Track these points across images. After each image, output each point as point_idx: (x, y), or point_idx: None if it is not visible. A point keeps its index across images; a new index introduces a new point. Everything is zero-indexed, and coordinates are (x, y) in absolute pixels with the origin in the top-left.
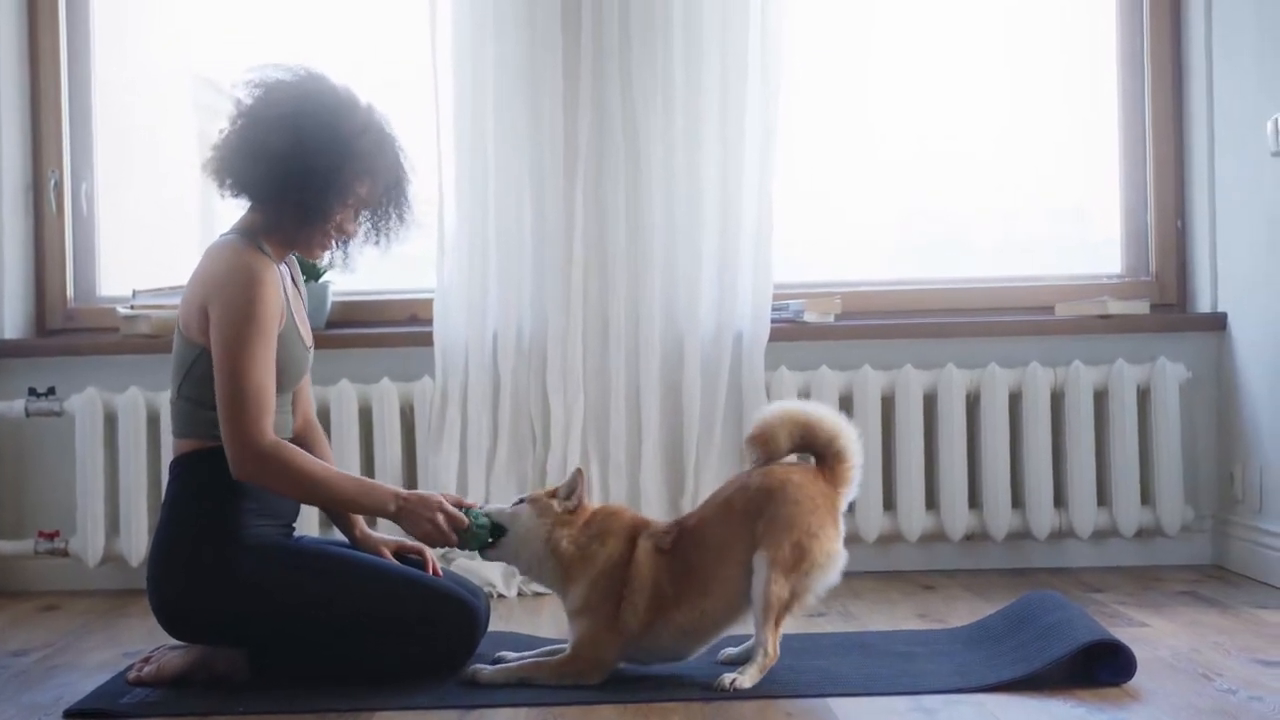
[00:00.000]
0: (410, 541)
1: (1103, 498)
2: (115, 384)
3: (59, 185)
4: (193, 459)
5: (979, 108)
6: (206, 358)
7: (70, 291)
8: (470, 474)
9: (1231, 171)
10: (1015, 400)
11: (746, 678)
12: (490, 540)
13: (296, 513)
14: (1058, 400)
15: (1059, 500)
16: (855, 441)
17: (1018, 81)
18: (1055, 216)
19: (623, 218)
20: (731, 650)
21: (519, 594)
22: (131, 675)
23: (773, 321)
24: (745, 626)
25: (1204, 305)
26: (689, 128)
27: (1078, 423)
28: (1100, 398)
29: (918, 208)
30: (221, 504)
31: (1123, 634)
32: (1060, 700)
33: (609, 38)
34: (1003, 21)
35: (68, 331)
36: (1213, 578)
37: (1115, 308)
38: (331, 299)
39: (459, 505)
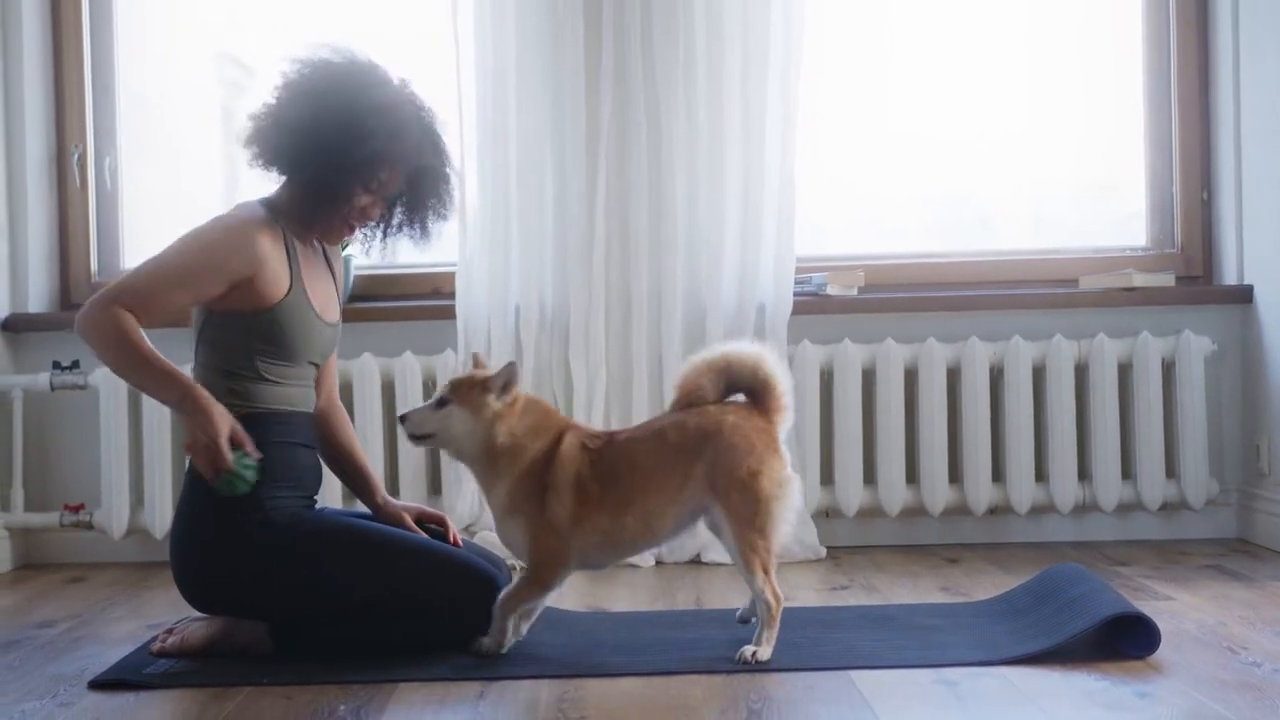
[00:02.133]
0: (430, 510)
1: (1127, 471)
2: None
3: (82, 159)
4: None
5: (1003, 83)
6: (215, 319)
7: (94, 265)
8: None
9: (1258, 143)
10: (1039, 373)
11: (763, 648)
12: (248, 490)
13: (318, 484)
14: (1082, 373)
15: (1083, 474)
16: (778, 367)
17: (1042, 56)
18: (1080, 191)
19: (645, 190)
20: (745, 608)
21: None
22: (155, 647)
23: (795, 294)
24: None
25: (1229, 278)
26: (711, 102)
27: (1102, 396)
28: (1125, 371)
29: (942, 184)
30: None
31: (1147, 607)
32: (1084, 673)
33: (631, 13)
34: None
35: None
36: (1237, 551)
37: (1140, 280)
38: (354, 273)
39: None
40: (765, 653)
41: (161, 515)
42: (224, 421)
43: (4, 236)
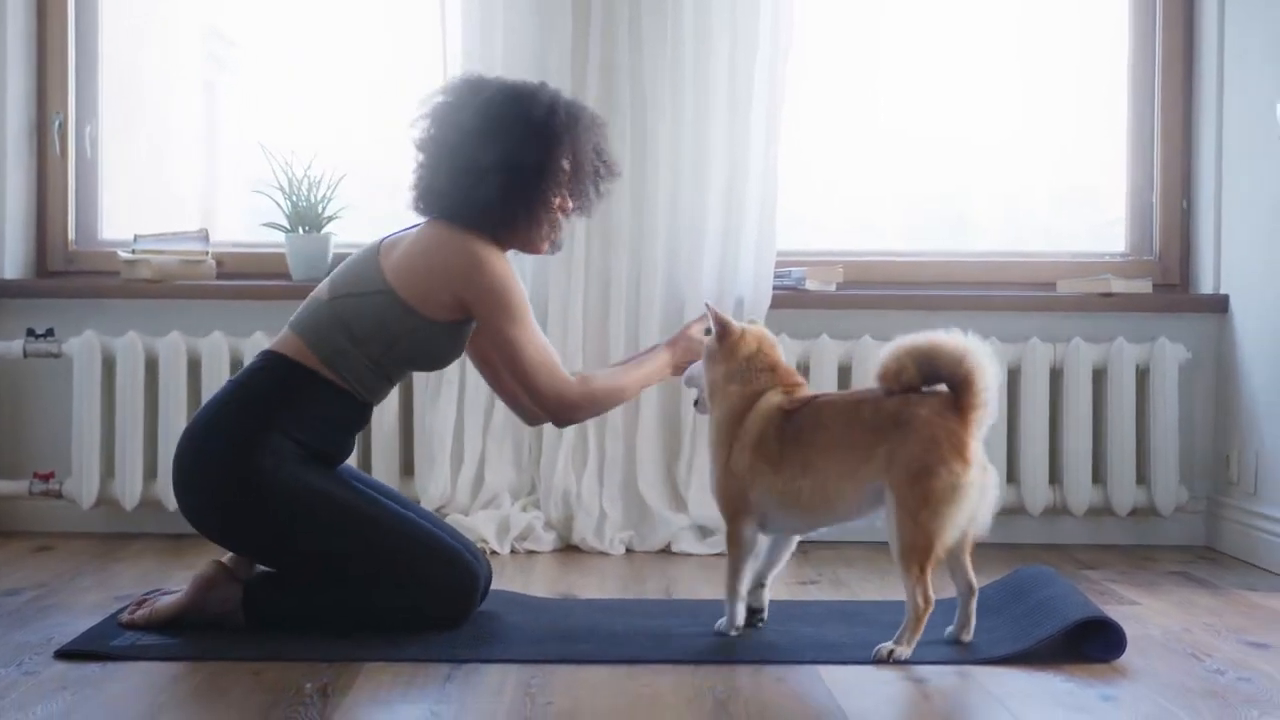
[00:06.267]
0: None
1: (1098, 476)
2: (114, 328)
3: (63, 127)
4: (292, 366)
5: (988, 86)
6: (418, 325)
7: (71, 234)
8: (466, 432)
9: (1239, 153)
10: (1014, 376)
11: (902, 647)
12: None
13: (345, 459)
14: (1056, 377)
15: (1054, 477)
16: (984, 362)
17: (1027, 60)
18: (1061, 195)
19: (627, 179)
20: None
21: (512, 551)
22: (124, 618)
23: (774, 288)
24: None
25: (1206, 287)
26: (697, 97)
27: (1076, 400)
28: (1099, 376)
29: (924, 182)
30: (278, 416)
31: (1114, 612)
32: (1050, 674)
33: (619, 4)
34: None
35: (68, 274)
36: (1204, 559)
37: (1117, 286)
38: (333, 251)
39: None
40: (905, 652)
41: (131, 486)
42: (700, 347)
43: None
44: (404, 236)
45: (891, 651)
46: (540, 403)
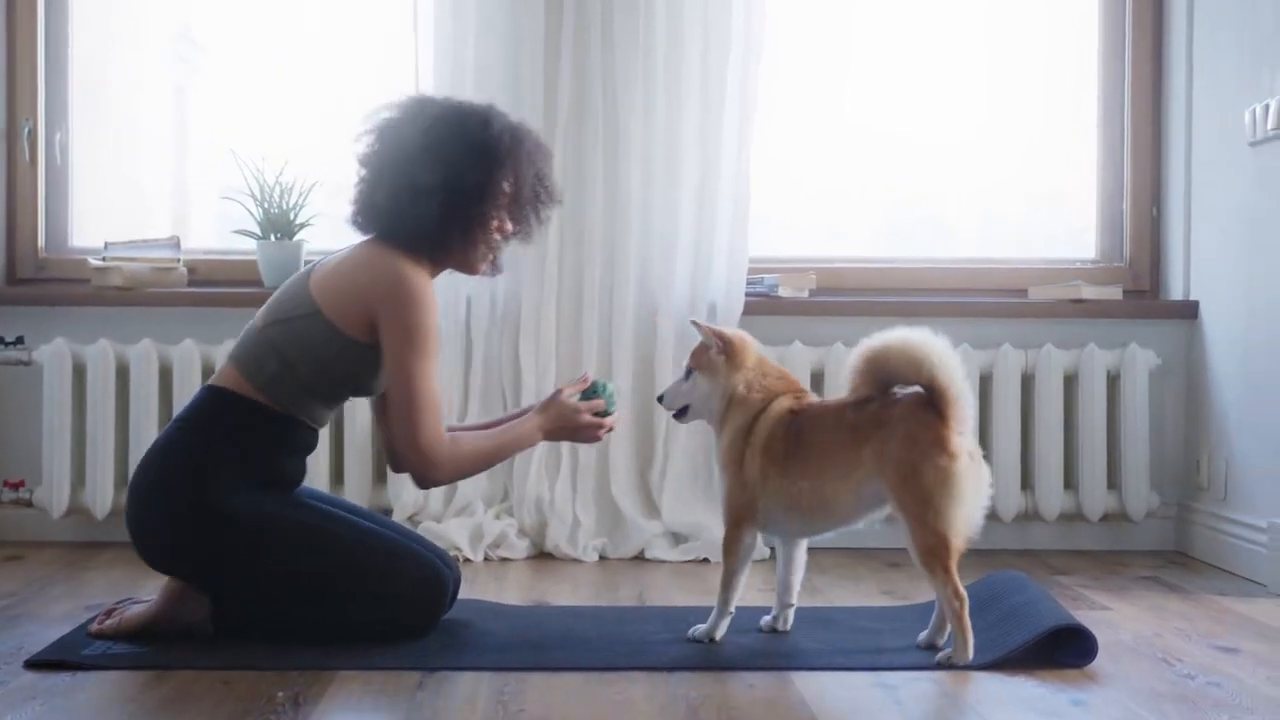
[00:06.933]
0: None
1: (1069, 481)
2: (84, 335)
3: (33, 134)
4: (230, 398)
5: (961, 90)
6: (345, 346)
7: (42, 241)
8: None
9: (1208, 160)
10: (986, 382)
11: (957, 649)
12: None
13: (298, 484)
14: (1028, 383)
15: (1026, 483)
16: (945, 364)
17: (999, 65)
18: (1033, 201)
19: (600, 186)
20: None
21: (485, 558)
22: (93, 628)
23: (747, 295)
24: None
25: (1176, 293)
26: (669, 99)
27: (1047, 406)
28: (1070, 382)
29: (896, 187)
30: (223, 449)
31: (1085, 617)
32: (1021, 679)
33: (591, 6)
34: (986, 3)
35: (38, 281)
36: (1175, 564)
37: (1088, 292)
38: (305, 258)
39: (583, 383)
40: (964, 656)
41: (102, 495)
42: (569, 415)
43: None
44: (333, 258)
45: (949, 657)
46: (411, 448)
